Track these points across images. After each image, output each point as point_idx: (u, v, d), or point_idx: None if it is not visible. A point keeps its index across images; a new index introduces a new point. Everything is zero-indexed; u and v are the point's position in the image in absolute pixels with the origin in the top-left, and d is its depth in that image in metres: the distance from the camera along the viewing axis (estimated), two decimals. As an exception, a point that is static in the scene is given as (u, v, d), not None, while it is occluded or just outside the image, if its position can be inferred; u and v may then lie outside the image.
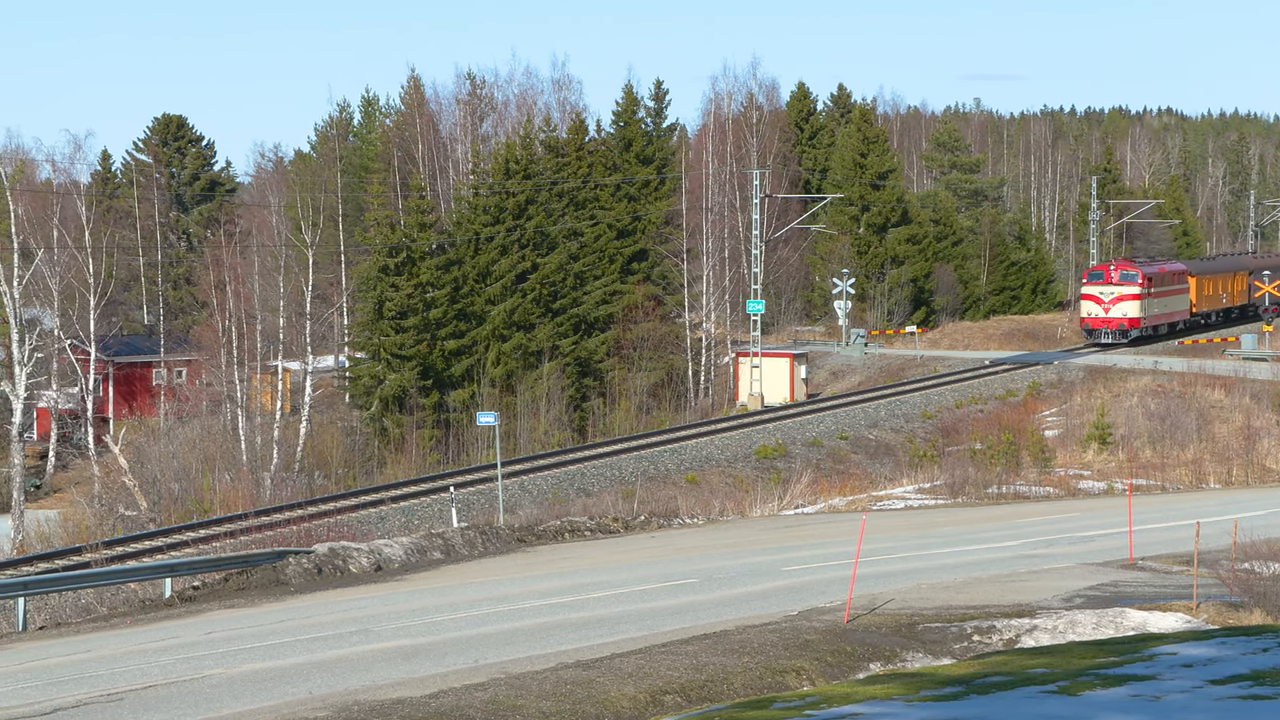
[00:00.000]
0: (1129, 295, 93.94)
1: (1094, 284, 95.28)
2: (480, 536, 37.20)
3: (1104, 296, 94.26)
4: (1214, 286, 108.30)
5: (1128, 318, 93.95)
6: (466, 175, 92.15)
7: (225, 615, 27.76)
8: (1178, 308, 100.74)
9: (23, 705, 19.75)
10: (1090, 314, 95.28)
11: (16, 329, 76.85)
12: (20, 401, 75.44)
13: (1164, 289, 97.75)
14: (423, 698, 19.60)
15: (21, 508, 71.14)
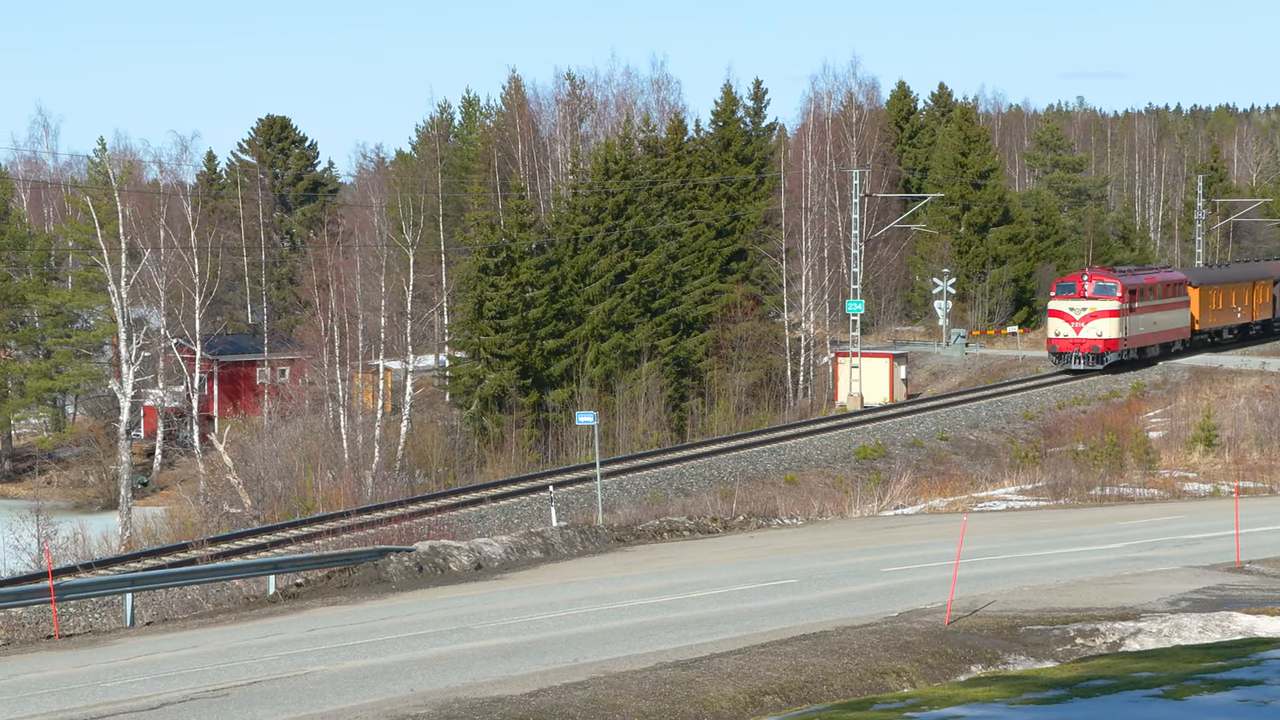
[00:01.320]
0: (1104, 312, 79.02)
1: (1063, 298, 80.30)
2: (579, 536, 37.29)
3: (1074, 313, 79.34)
4: (1224, 299, 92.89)
5: (1102, 339, 79.16)
6: (566, 175, 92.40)
7: (328, 612, 27.99)
8: (1173, 324, 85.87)
9: (131, 700, 20.02)
10: (1058, 334, 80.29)
11: (124, 328, 77.96)
12: (128, 400, 76.54)
13: (1153, 303, 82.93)
14: (523, 696, 19.67)
15: (129, 504, 72.21)
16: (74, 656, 24.05)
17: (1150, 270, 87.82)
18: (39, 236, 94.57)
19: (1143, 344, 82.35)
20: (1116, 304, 79.12)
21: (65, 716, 19.10)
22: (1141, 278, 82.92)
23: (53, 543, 48.67)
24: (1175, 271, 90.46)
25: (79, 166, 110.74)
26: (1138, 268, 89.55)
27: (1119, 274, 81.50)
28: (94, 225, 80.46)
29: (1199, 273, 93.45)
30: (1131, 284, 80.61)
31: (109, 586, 29.35)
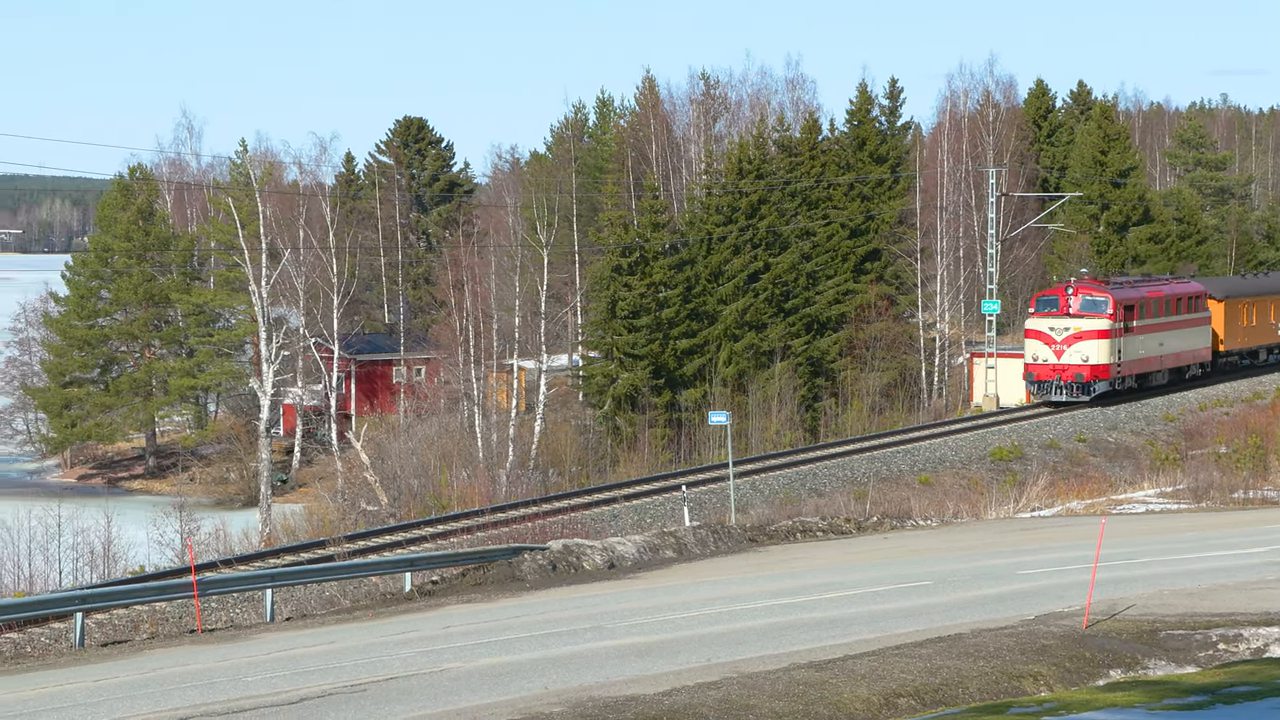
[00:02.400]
0: (1091, 332, 66.55)
1: (1042, 315, 67.98)
2: (712, 535, 37.26)
3: (1054, 334, 66.98)
4: (1259, 314, 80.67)
5: (1089, 364, 66.40)
6: (699, 175, 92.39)
7: (463, 610, 28.21)
8: (1189, 345, 73.99)
9: (271, 694, 20.32)
10: (1035, 358, 67.79)
11: (264, 327, 79.16)
12: (268, 398, 77.72)
13: (1160, 320, 70.90)
14: (656, 695, 19.70)
15: (269, 501, 73.31)
16: (216, 651, 24.45)
17: (1156, 281, 74.95)
18: (183, 237, 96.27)
19: (1144, 369, 70.47)
20: (1107, 322, 66.52)
21: (207, 709, 19.43)
22: (1143, 290, 70.89)
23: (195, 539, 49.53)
24: (1191, 283, 77.11)
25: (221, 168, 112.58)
26: (1141, 278, 76.59)
27: (1112, 286, 69.39)
28: (235, 226, 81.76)
29: (1224, 283, 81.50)
30: (1127, 298, 68.65)
31: (249, 582, 29.80)
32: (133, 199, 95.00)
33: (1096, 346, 66.74)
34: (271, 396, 78.32)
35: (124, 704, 19.92)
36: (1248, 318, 79.81)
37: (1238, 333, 78.98)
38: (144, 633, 28.26)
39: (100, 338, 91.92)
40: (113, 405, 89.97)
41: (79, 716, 19.30)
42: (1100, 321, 66.65)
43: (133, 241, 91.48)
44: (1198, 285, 76.36)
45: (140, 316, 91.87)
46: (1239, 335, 79.23)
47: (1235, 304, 78.70)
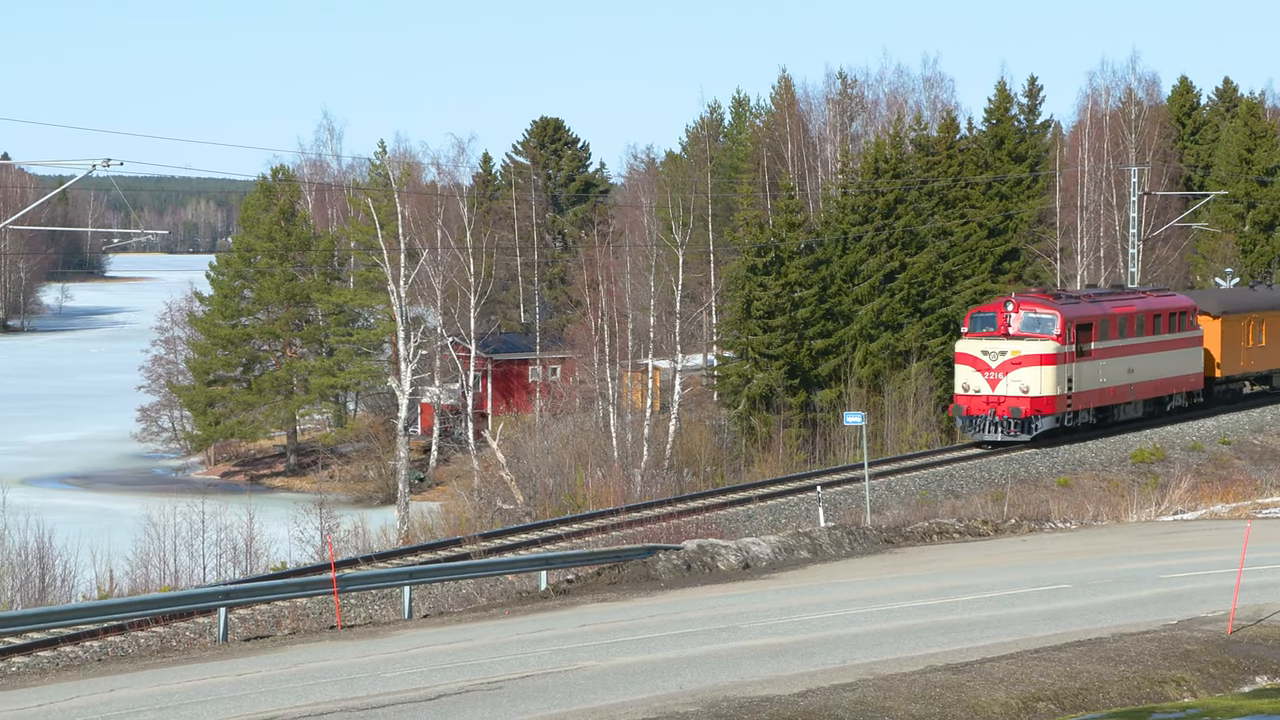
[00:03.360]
0: (1033, 356, 55.18)
1: (977, 335, 56.70)
2: (847, 536, 37.10)
3: (988, 358, 55.65)
4: (1270, 332, 68.61)
5: (1029, 396, 55.04)
6: (835, 174, 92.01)
7: (597, 609, 28.32)
8: (1170, 371, 62.47)
9: (409, 690, 20.53)
10: (965, 388, 56.31)
11: (403, 327, 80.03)
12: (405, 397, 78.58)
13: (1129, 342, 59.75)
14: (791, 696, 19.66)
15: (406, 499, 74.12)
16: (356, 647, 24.75)
17: (1126, 296, 62.58)
18: (323, 237, 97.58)
19: (1107, 401, 59.15)
20: (1053, 345, 55.17)
21: (347, 705, 19.67)
22: (1106, 306, 59.32)
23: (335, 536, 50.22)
24: (1176, 296, 65.48)
25: (361, 169, 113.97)
26: (1109, 290, 65.46)
27: (1064, 301, 57.70)
28: (375, 226, 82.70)
29: (1222, 296, 69.45)
30: (1082, 315, 57.16)
31: (388, 579, 30.13)
32: (275, 200, 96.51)
33: (1039, 374, 54.83)
34: (409, 395, 79.16)
35: (266, 699, 20.23)
36: (1254, 337, 67.42)
37: (1240, 355, 66.68)
38: (285, 628, 28.67)
39: (243, 337, 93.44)
40: (255, 403, 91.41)
41: (223, 710, 19.63)
42: (1044, 344, 55.02)
43: (275, 242, 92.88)
44: (1184, 299, 64.46)
45: (282, 316, 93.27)
46: (1242, 358, 67.11)
47: (1236, 321, 66.51)
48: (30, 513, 49.20)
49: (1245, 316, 67.59)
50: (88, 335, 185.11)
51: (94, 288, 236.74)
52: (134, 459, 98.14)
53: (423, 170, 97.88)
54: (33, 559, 45.75)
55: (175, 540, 50.57)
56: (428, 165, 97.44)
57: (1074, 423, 57.51)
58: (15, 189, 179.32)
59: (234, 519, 52.51)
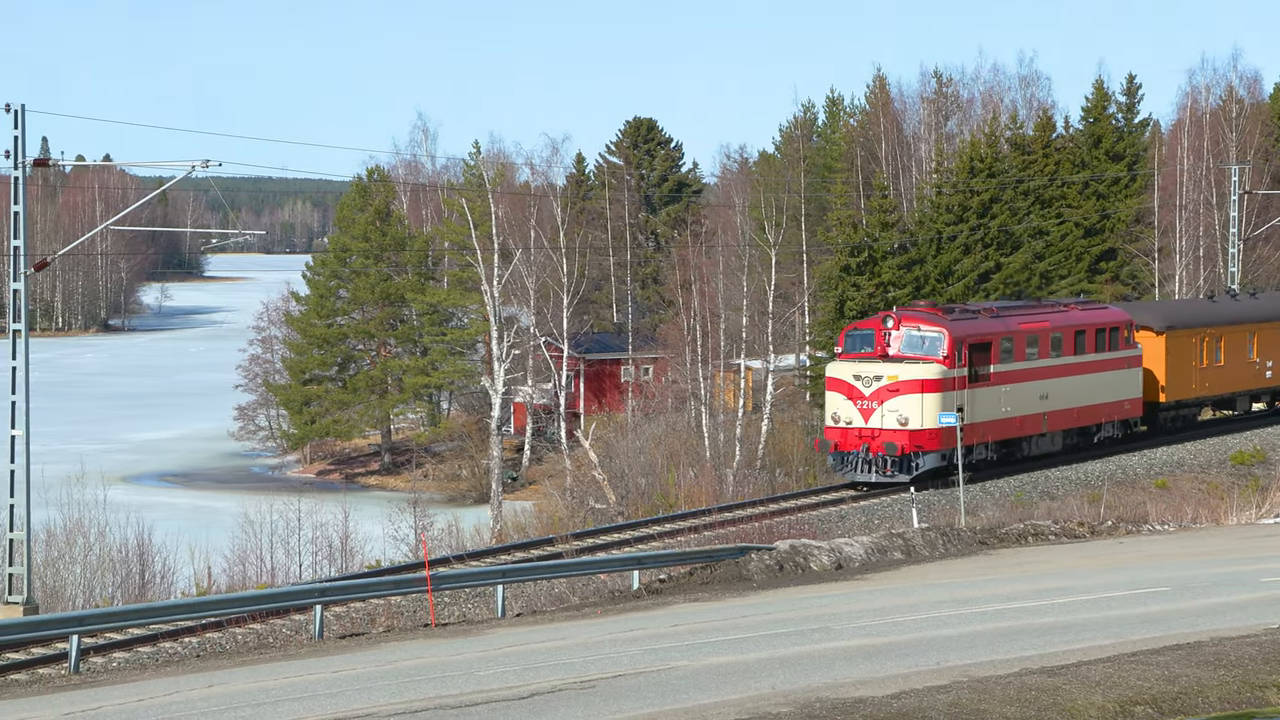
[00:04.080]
0: (913, 383, 46.55)
1: (851, 356, 48.07)
2: (941, 538, 36.89)
3: (862, 384, 46.92)
4: (1228, 350, 60.20)
5: (907, 430, 46.23)
6: (930, 174, 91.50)
7: (689, 609, 28.32)
8: (1102, 396, 53.80)
9: (503, 688, 20.62)
10: (836, 418, 47.33)
11: (496, 326, 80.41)
12: (499, 396, 78.96)
13: (1043, 363, 51.25)
14: (884, 697, 19.57)
15: (499, 498, 74.47)
16: (450, 645, 24.89)
17: (1040, 309, 54.32)
18: (418, 237, 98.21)
19: (1011, 433, 50.31)
20: (938, 368, 46.69)
21: (441, 703, 19.78)
22: (1011, 321, 50.57)
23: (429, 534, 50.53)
24: (1109, 309, 57.07)
25: (455, 170, 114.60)
26: (1024, 304, 57.03)
27: (956, 316, 49.20)
28: (469, 226, 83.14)
29: (1169, 309, 61.89)
30: (977, 333, 48.60)
31: (481, 578, 30.28)
32: (370, 200, 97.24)
33: (919, 403, 46.16)
34: (502, 395, 79.54)
35: (362, 695, 20.38)
36: (1210, 355, 58.64)
37: (1191, 376, 57.54)
38: (380, 626, 28.87)
39: (338, 336, 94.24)
40: (350, 402, 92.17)
41: (319, 706, 19.79)
42: (927, 367, 46.60)
43: (370, 242, 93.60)
44: (1117, 312, 56.05)
45: (376, 315, 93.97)
46: (1194, 379, 58.06)
47: (1186, 338, 57.72)
48: (131, 510, 49.90)
49: (1199, 332, 58.30)
50: (186, 335, 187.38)
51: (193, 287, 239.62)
52: (231, 457, 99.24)
53: (516, 170, 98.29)
54: (133, 556, 46.41)
55: (271, 538, 51.08)
56: (521, 165, 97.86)
57: (968, 459, 46.72)
58: (117, 190, 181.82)
59: (329, 517, 52.95)
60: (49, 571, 44.29)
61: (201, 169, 35.61)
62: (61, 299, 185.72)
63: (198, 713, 19.71)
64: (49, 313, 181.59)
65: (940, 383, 46.56)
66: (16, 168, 33.69)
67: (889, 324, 47.65)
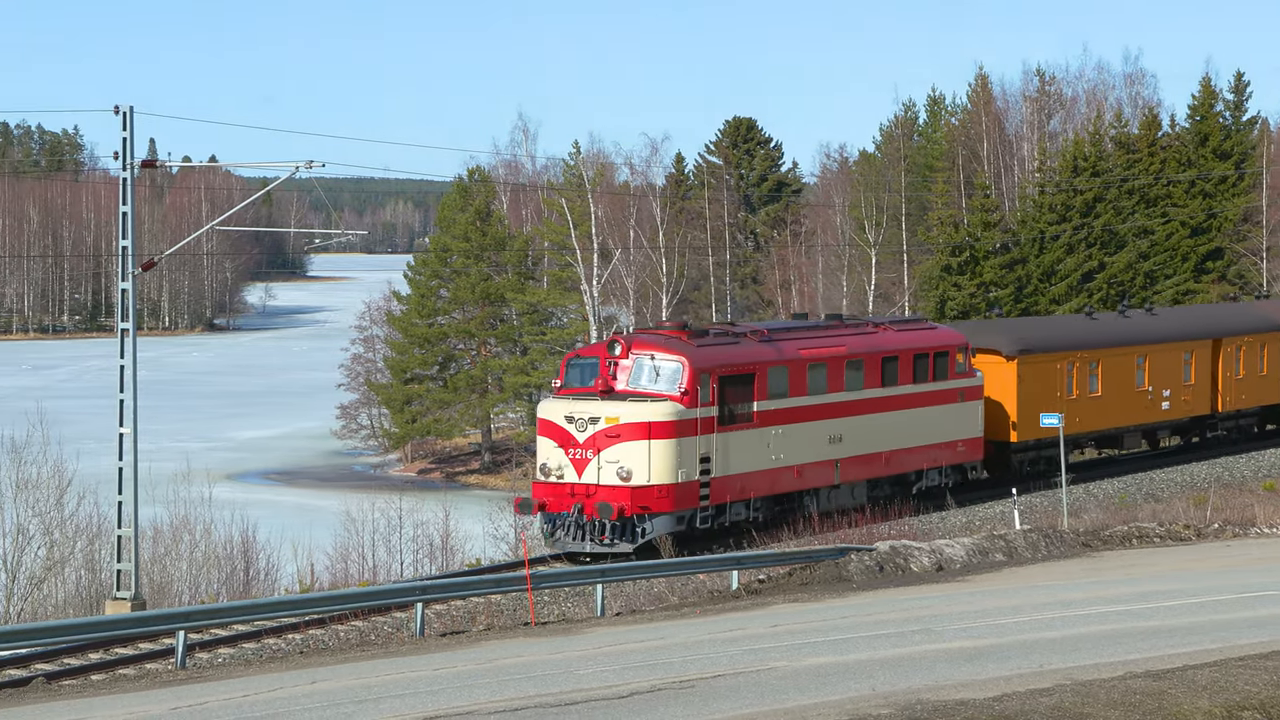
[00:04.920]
0: (637, 426, 36.29)
1: (570, 393, 37.69)
2: (1043, 540, 36.57)
3: (576, 427, 36.59)
4: (1108, 377, 50.07)
5: (630, 486, 36.03)
6: (1032, 173, 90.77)
7: (789, 609, 28.25)
8: (923, 437, 43.57)
9: (601, 688, 20.66)
10: (546, 470, 37.08)
11: (595, 326, 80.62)
12: (598, 396, 79.02)
13: (831, 398, 40.66)
14: (986, 700, 19.43)
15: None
16: (549, 643, 24.98)
17: (840, 328, 43.22)
18: (518, 237, 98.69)
19: (784, 487, 39.49)
20: (672, 407, 36.29)
21: (541, 701, 19.85)
22: (784, 346, 39.71)
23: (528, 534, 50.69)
24: (938, 329, 46.18)
25: (555, 169, 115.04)
26: (806, 323, 44.68)
27: (707, 340, 38.32)
28: (568, 226, 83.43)
29: (1026, 329, 51.70)
30: (729, 361, 37.92)
31: (580, 577, 30.35)
32: (471, 200, 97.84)
33: (646, 452, 35.85)
34: (602, 394, 79.58)
35: (462, 693, 20.49)
36: (1083, 384, 49.25)
37: (1054, 410, 45.86)
38: (480, 624, 29.02)
39: (439, 335, 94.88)
40: (450, 401, 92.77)
41: (419, 704, 19.92)
42: (658, 406, 36.20)
43: (470, 242, 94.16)
44: (950, 334, 45.46)
45: (477, 315, 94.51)
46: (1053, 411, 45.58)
47: (1047, 364, 47.80)
48: (235, 507, 50.51)
49: (1067, 357, 48.46)
50: (290, 334, 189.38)
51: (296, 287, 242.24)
52: (334, 456, 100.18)
53: (616, 170, 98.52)
54: (238, 553, 46.99)
55: (373, 536, 51.52)
56: (621, 165, 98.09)
57: (718, 521, 37.31)
58: (222, 190, 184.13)
59: (430, 516, 53.29)
60: (156, 568, 44.90)
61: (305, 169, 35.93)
62: (168, 298, 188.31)
63: (301, 708, 19.90)
64: (156, 312, 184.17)
65: (674, 425, 35.70)
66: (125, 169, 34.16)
67: (615, 350, 37.13)
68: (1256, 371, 56.01)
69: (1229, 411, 55.25)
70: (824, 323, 44.66)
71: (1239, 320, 57.05)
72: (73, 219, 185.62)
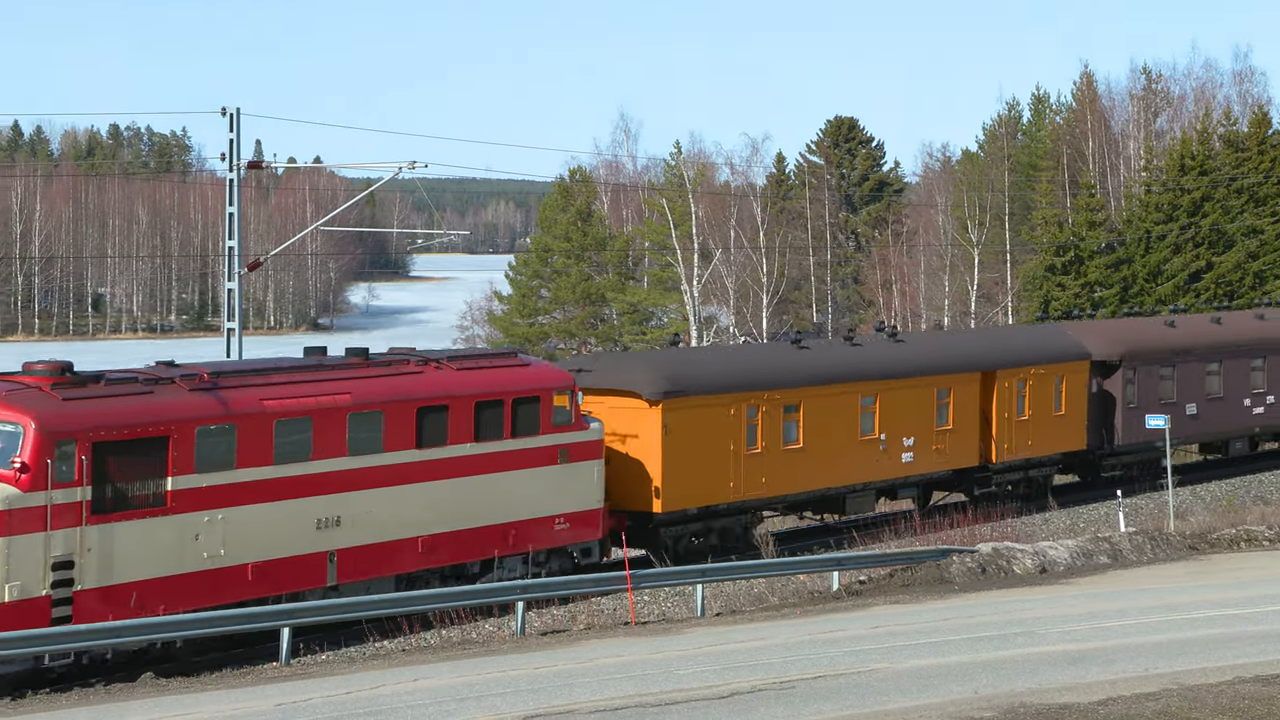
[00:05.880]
0: None
1: None
2: (1149, 542, 36.16)
3: None
4: (805, 423, 37.90)
5: None
6: (1138, 172, 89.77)
7: (890, 611, 28.12)
8: (488, 516, 31.54)
9: (701, 688, 20.67)
10: None
11: (695, 326, 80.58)
12: (698, 396, 79.00)
13: (329, 467, 28.95)
14: (1091, 704, 19.25)
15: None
16: (649, 643, 25.02)
17: (321, 368, 30.38)
18: (618, 237, 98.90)
19: (219, 599, 27.17)
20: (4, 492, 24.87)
21: (641, 701, 19.89)
22: (227, 393, 28.09)
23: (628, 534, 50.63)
24: (531, 365, 33.74)
25: (656, 170, 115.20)
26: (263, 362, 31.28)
27: (94, 385, 26.70)
28: (669, 226, 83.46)
29: (679, 361, 37.88)
30: (108, 419, 26.25)
31: (680, 577, 30.36)
32: (572, 201, 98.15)
33: None
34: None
35: (563, 692, 20.57)
36: (770, 432, 37.07)
37: (725, 469, 36.03)
38: (581, 624, 29.10)
39: (540, 335, 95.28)
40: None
41: (520, 702, 20.03)
42: None
43: (571, 242, 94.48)
44: (545, 372, 33.70)
45: (577, 315, 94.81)
46: (731, 474, 36.15)
47: (706, 409, 35.84)
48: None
49: (743, 399, 36.57)
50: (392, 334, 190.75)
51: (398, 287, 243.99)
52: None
53: (716, 170, 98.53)
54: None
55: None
56: (721, 165, 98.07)
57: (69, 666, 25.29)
58: (326, 191, 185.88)
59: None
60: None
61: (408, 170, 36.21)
62: (273, 298, 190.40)
63: (403, 705, 20.06)
64: (261, 311, 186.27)
65: (9, 517, 24.74)
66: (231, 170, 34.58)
67: None
68: (1049, 411, 44.92)
69: (1009, 462, 43.89)
70: (329, 361, 30.98)
71: (1026, 346, 45.53)
72: (181, 219, 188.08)
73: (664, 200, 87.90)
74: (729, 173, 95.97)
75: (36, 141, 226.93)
